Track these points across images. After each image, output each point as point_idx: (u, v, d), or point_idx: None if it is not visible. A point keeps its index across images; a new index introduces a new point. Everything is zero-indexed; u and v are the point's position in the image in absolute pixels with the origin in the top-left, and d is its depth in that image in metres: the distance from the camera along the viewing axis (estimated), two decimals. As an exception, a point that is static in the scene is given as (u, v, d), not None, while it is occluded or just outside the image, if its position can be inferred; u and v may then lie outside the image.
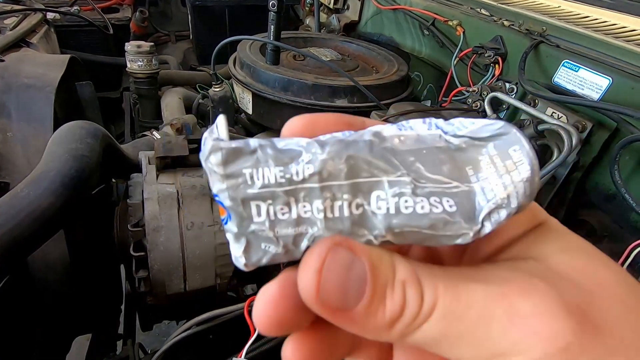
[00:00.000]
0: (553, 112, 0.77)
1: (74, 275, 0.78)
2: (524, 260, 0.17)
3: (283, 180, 0.16)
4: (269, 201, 0.16)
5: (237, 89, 1.10)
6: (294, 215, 0.16)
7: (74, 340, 0.92)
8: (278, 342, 0.68)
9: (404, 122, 0.17)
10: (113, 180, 0.89)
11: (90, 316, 0.91)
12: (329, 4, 1.48)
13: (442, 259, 0.21)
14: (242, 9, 1.71)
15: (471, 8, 1.06)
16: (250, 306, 0.67)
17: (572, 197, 0.78)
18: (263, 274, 0.83)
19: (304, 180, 0.16)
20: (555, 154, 0.72)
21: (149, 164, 0.77)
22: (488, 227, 0.16)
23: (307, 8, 1.63)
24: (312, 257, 0.15)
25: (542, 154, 0.79)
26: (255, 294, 0.72)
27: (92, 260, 0.84)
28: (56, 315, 0.81)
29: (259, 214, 0.16)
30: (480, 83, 0.91)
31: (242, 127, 1.23)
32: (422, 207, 0.16)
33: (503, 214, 0.16)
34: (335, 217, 0.16)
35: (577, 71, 0.76)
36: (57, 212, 0.60)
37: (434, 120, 0.18)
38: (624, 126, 0.69)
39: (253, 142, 0.16)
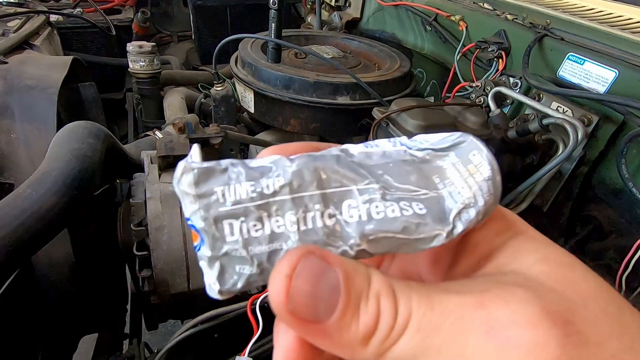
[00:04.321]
0: (558, 106, 0.76)
1: (78, 274, 0.79)
2: (503, 274, 0.16)
3: (255, 195, 0.16)
4: (242, 218, 0.16)
5: (239, 87, 1.10)
6: (267, 231, 0.16)
7: (81, 339, 0.93)
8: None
9: (370, 142, 0.19)
10: (117, 180, 0.90)
11: (96, 316, 0.92)
12: (331, 1, 1.48)
13: (422, 280, 0.21)
14: (244, 8, 1.71)
15: (473, 2, 1.04)
16: (254, 304, 0.66)
17: (579, 192, 0.77)
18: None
19: (275, 193, 0.16)
20: (561, 149, 0.71)
21: (151, 163, 0.77)
22: (460, 227, 0.17)
23: (308, 6, 1.63)
24: (283, 263, 0.15)
25: (548, 148, 0.78)
26: (259, 292, 0.72)
27: (97, 259, 0.85)
28: (61, 315, 0.82)
29: (232, 233, 0.16)
30: (483, 78, 0.90)
31: (244, 126, 1.23)
32: (393, 211, 0.16)
33: (472, 212, 0.17)
34: (309, 228, 0.16)
35: (582, 64, 0.75)
36: (60, 212, 0.60)
37: (398, 138, 0.19)
38: (631, 119, 0.67)
39: (224, 162, 0.17)
